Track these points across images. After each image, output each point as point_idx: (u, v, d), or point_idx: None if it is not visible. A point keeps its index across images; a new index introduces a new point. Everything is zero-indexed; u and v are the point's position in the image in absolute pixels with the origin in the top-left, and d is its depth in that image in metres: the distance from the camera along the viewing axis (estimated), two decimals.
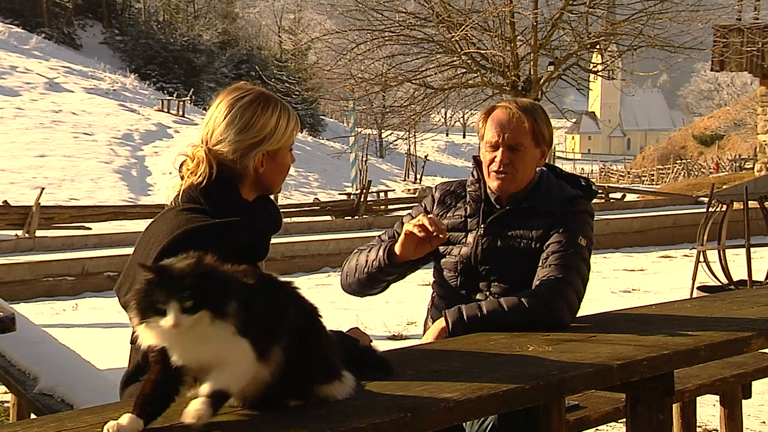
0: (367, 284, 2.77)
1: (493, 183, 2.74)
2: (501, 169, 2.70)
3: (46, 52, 46.56)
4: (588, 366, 2.03)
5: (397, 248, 2.62)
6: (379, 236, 2.88)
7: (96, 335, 7.90)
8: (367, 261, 2.71)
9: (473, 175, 2.83)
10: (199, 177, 2.22)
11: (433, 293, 2.86)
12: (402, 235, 2.60)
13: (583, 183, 2.84)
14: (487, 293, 2.67)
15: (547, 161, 2.83)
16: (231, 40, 58.32)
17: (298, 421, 1.60)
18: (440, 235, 2.53)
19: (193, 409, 1.56)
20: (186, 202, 2.21)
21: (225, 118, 2.24)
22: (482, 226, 2.73)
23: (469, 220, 2.77)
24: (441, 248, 2.74)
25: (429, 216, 2.58)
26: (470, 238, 2.73)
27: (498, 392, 1.82)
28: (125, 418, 1.56)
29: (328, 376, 1.73)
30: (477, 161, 2.83)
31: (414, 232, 2.54)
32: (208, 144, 2.26)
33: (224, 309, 1.59)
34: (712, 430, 4.56)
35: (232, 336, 1.59)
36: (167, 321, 1.56)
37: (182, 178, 2.27)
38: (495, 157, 2.71)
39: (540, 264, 2.62)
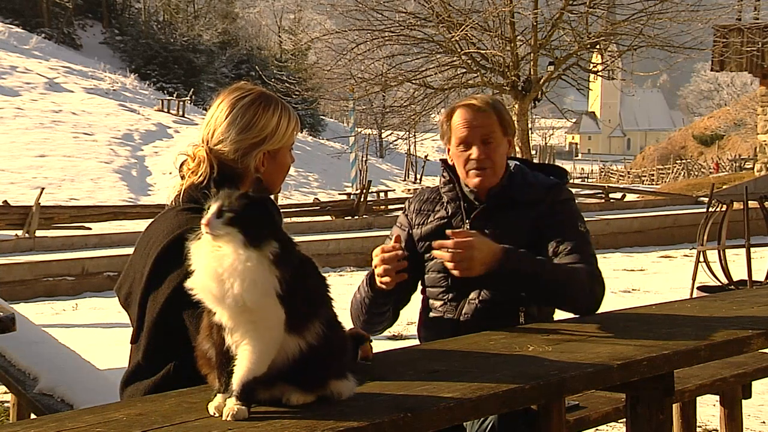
0: (374, 321, 2.69)
1: (473, 180, 2.72)
2: (479, 165, 2.69)
3: (46, 52, 46.55)
4: (588, 366, 2.03)
5: (376, 280, 2.52)
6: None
7: (96, 335, 7.91)
8: (360, 298, 2.64)
9: (444, 176, 2.82)
10: (199, 176, 2.22)
11: (423, 298, 2.84)
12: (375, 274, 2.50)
13: (556, 171, 2.88)
14: (478, 289, 2.65)
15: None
16: (231, 40, 58.30)
17: (298, 420, 1.60)
18: (399, 252, 2.43)
19: (228, 408, 1.59)
20: (186, 202, 2.21)
21: (226, 118, 2.25)
22: (467, 221, 2.73)
23: (453, 220, 2.76)
24: (427, 255, 2.71)
25: (384, 246, 2.46)
26: None
27: (498, 392, 1.82)
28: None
29: (339, 372, 1.73)
30: (446, 164, 2.82)
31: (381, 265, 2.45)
32: (209, 143, 2.26)
33: (260, 242, 1.60)
34: (712, 430, 4.56)
35: (264, 276, 1.60)
36: (203, 218, 1.61)
37: (182, 177, 2.28)
38: (470, 154, 2.70)
39: (552, 256, 2.61)
